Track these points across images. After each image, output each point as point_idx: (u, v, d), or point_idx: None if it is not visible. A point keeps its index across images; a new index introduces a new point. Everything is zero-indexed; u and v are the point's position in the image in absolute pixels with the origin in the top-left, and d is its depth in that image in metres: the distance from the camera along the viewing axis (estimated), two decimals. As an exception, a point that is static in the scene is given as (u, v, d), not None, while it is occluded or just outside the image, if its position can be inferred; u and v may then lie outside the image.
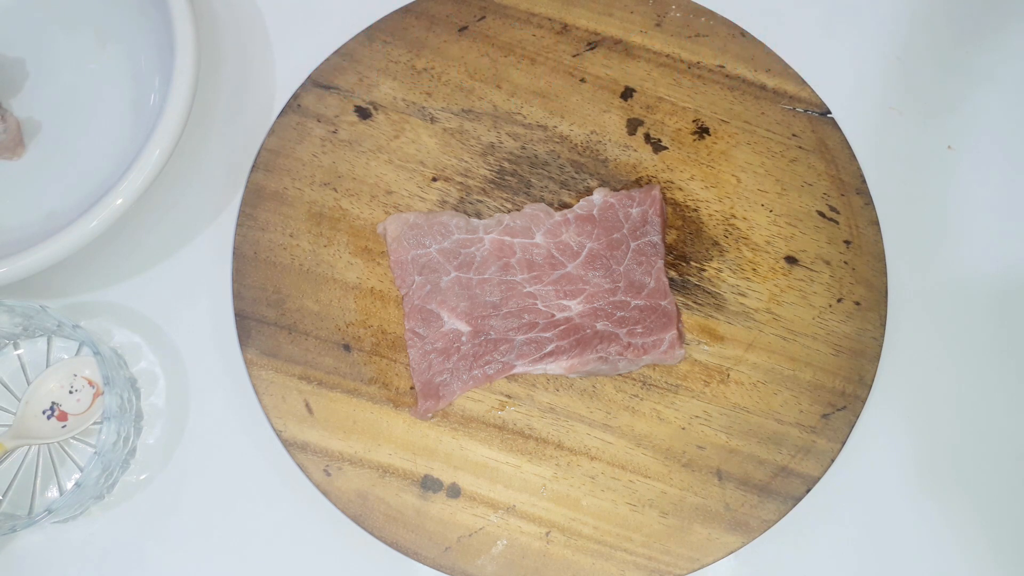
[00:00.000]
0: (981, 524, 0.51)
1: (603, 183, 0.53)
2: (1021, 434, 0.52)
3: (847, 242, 0.52)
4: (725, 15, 0.56)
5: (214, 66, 0.57)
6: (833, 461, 0.49)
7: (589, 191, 0.53)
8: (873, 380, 0.50)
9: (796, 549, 0.50)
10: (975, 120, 0.57)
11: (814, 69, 0.55)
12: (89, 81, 0.56)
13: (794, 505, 0.48)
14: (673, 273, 0.52)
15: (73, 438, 0.51)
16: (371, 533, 0.48)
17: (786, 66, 0.55)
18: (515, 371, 0.49)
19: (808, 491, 0.49)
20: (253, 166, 0.53)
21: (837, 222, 0.53)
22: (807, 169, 0.53)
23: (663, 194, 0.52)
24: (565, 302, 0.50)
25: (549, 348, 0.49)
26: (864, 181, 0.53)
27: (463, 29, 0.56)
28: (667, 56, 0.55)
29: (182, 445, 0.51)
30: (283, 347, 0.50)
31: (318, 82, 0.55)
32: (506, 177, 0.53)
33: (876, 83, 0.58)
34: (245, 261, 0.52)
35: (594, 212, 0.51)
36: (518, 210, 0.53)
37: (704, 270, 0.52)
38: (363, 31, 0.56)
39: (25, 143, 0.55)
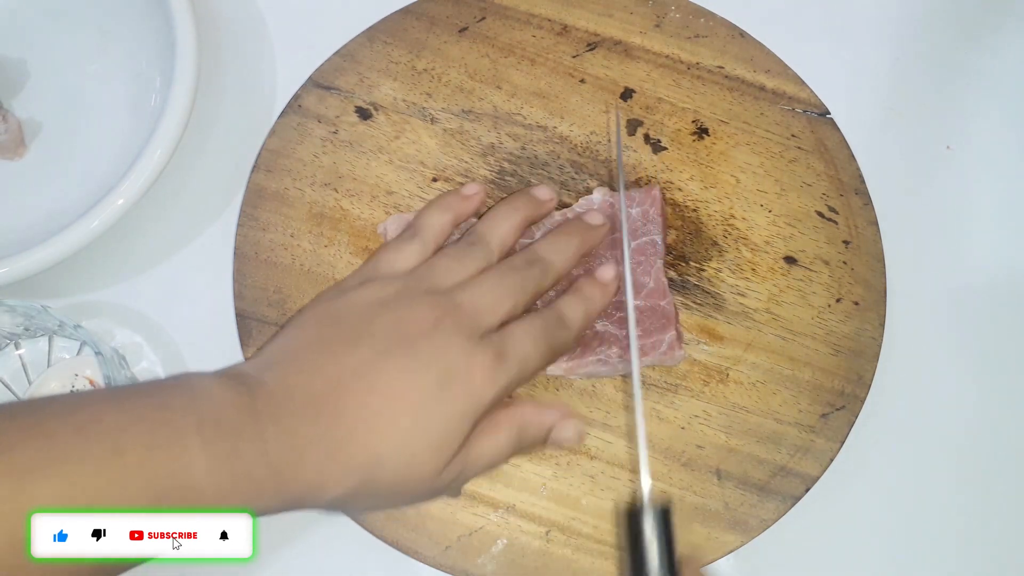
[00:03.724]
0: (981, 524, 0.51)
1: (603, 183, 0.53)
2: (1021, 434, 0.52)
3: (846, 242, 0.52)
4: (724, 16, 0.56)
5: (215, 66, 0.57)
6: (832, 461, 0.49)
7: (589, 191, 0.53)
8: (872, 380, 0.50)
9: (795, 548, 0.50)
10: (974, 120, 0.57)
11: (813, 70, 0.55)
12: (90, 81, 0.56)
13: (793, 504, 0.48)
14: (672, 273, 0.52)
15: (74, 437, 0.51)
16: (371, 532, 0.48)
17: (785, 67, 0.55)
18: (515, 371, 0.50)
19: (807, 490, 0.49)
20: (254, 166, 0.54)
21: (836, 222, 0.53)
22: (806, 169, 0.53)
23: (663, 194, 0.52)
24: (565, 302, 0.50)
25: (549, 348, 0.49)
26: (863, 181, 0.53)
27: (463, 30, 0.56)
28: (667, 57, 0.55)
29: (183, 444, 0.51)
30: (284, 347, 0.50)
31: (319, 83, 0.55)
32: (506, 177, 0.53)
33: (875, 84, 0.58)
34: (246, 261, 0.52)
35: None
36: (518, 210, 0.53)
37: (703, 270, 0.52)
38: (363, 32, 0.56)
39: (26, 143, 0.55)
